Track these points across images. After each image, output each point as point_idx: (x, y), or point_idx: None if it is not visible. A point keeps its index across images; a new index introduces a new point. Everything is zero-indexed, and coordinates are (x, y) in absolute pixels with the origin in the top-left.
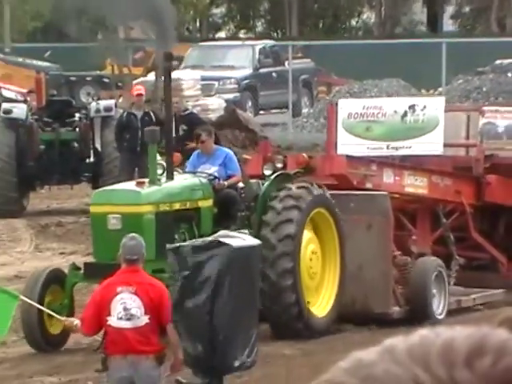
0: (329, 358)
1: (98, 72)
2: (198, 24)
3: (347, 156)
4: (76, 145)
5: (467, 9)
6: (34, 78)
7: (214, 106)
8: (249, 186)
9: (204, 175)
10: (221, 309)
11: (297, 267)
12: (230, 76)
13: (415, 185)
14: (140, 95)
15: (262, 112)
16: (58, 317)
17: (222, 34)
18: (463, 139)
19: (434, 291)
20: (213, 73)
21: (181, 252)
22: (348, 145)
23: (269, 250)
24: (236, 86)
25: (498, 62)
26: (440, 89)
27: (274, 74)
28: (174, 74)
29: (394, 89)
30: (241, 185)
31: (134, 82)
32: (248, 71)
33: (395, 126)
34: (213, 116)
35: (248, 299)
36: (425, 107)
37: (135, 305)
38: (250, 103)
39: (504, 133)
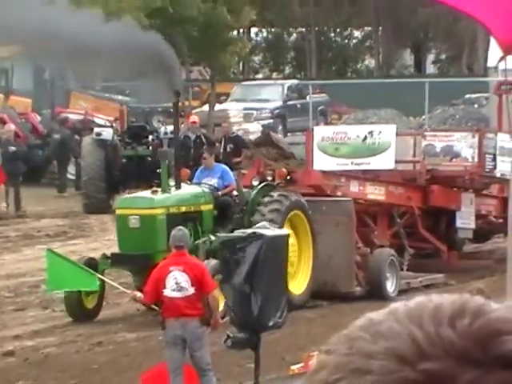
0: (341, 320)
1: (166, 104)
2: (241, 68)
3: (322, 171)
4: (149, 159)
5: (444, 56)
6: (118, 109)
7: (253, 129)
8: (242, 193)
9: (206, 186)
10: (258, 282)
11: None
12: (265, 107)
13: (375, 193)
14: (194, 122)
15: (289, 134)
16: (125, 290)
17: (259, 76)
18: (411, 157)
19: (388, 275)
20: (252, 104)
21: (229, 241)
22: (321, 161)
23: (259, 217)
24: (270, 114)
25: (467, 96)
26: (423, 116)
27: (298, 106)
28: (223, 106)
29: (389, 116)
30: (235, 193)
31: (193, 111)
32: (279, 103)
33: (358, 146)
34: (252, 137)
35: (278, 274)
36: (380, 132)
37: (184, 279)
38: (280, 127)
39: (441, 152)
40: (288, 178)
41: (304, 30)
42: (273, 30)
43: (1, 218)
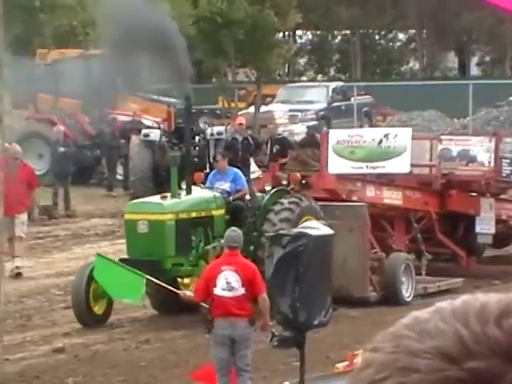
0: (385, 318)
1: (212, 106)
2: (286, 70)
3: (337, 175)
4: (196, 160)
5: (488, 58)
6: (165, 111)
7: (298, 131)
8: (255, 198)
9: (218, 190)
10: (303, 280)
11: None
12: (310, 109)
13: (392, 197)
14: (241, 124)
15: None
16: (175, 290)
17: (304, 78)
18: (427, 161)
19: (403, 279)
20: (297, 106)
21: (277, 239)
22: (336, 165)
23: (270, 227)
24: (314, 116)
25: (511, 98)
26: (467, 118)
27: (342, 107)
28: (269, 107)
29: (433, 118)
30: (248, 197)
31: (239, 113)
32: (323, 105)
33: (373, 150)
34: (297, 139)
35: (324, 274)
36: (396, 136)
37: (234, 279)
38: (324, 129)
39: (457, 156)
40: (303, 182)
41: (349, 32)
42: (318, 32)
43: (51, 218)
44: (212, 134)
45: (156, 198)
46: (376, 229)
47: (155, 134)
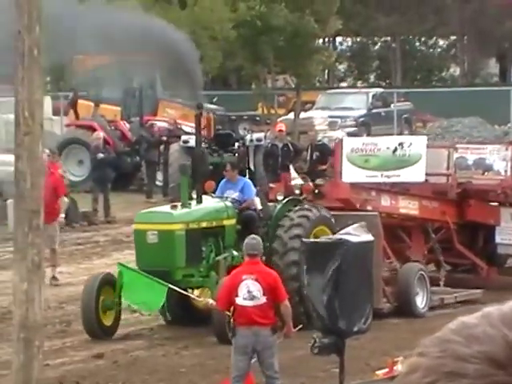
0: (426, 325)
1: (252, 112)
2: (326, 76)
3: (351, 184)
4: None
5: None
6: (205, 117)
7: (338, 137)
8: (266, 207)
9: (229, 200)
10: (343, 287)
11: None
12: (350, 115)
13: (408, 207)
14: (281, 131)
15: None
16: (197, 299)
17: (343, 84)
18: (445, 170)
19: (418, 290)
20: (337, 113)
21: (315, 246)
22: (350, 173)
23: (280, 246)
24: (354, 122)
25: None
26: (508, 124)
27: (382, 114)
28: (308, 114)
29: (474, 124)
30: (260, 207)
31: (278, 119)
32: (363, 111)
33: (387, 158)
34: None
35: (363, 281)
36: (411, 144)
37: (256, 288)
38: (364, 135)
39: (473, 165)
40: (316, 191)
41: (389, 39)
42: (357, 39)
43: (90, 224)
44: (251, 141)
45: (166, 208)
46: (393, 239)
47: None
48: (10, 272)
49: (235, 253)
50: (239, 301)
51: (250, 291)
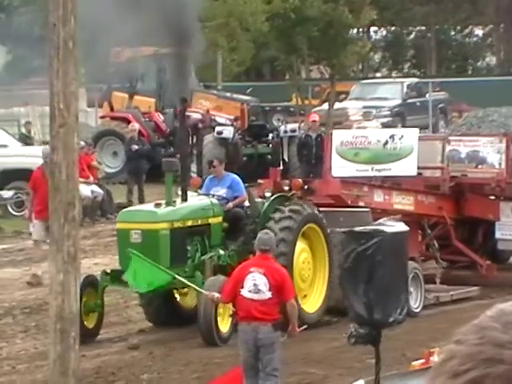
0: (462, 316)
1: (286, 103)
2: (360, 67)
3: (341, 180)
4: (269, 157)
5: None
6: (239, 108)
7: (373, 127)
8: (254, 205)
9: (215, 197)
10: (378, 278)
11: (290, 270)
12: (384, 105)
13: (403, 202)
14: (314, 121)
15: None
16: (202, 291)
17: (378, 74)
18: (439, 163)
19: (411, 289)
20: (371, 103)
21: (351, 236)
22: (340, 167)
23: None
24: (389, 112)
25: None
26: None
27: (417, 104)
28: (343, 104)
29: (510, 114)
30: (247, 204)
31: (312, 110)
32: (398, 101)
33: (378, 152)
34: None
35: (399, 271)
36: (402, 137)
37: (262, 282)
38: (399, 126)
39: (466, 158)
40: (305, 187)
41: (423, 28)
42: (392, 28)
43: None
44: (285, 132)
45: (149, 206)
46: None
47: (229, 132)
48: (46, 263)
49: (222, 252)
50: (244, 292)
51: (255, 284)
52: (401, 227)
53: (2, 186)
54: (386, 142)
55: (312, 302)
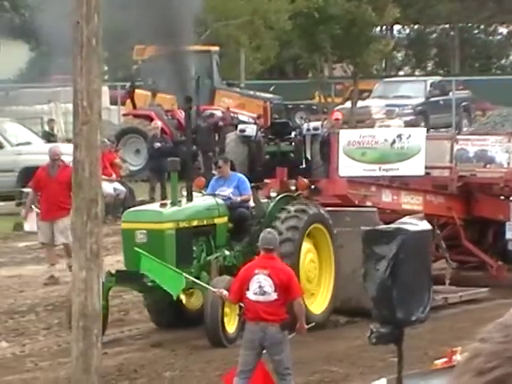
0: (485, 315)
1: (309, 101)
2: (383, 65)
3: (348, 179)
4: (292, 155)
5: None
6: (261, 106)
7: (395, 126)
8: (259, 205)
9: (221, 197)
10: (401, 276)
11: (296, 268)
12: (407, 103)
13: (411, 202)
14: (337, 119)
15: (431, 130)
16: (212, 289)
17: (401, 72)
18: (447, 162)
19: None
20: (394, 101)
21: (374, 234)
22: (347, 167)
23: None
24: (412, 111)
25: None
26: None
27: (441, 102)
28: (366, 102)
29: None
30: (252, 204)
31: (335, 108)
32: (421, 100)
33: (386, 151)
34: None
35: (422, 270)
36: (410, 136)
37: (268, 284)
38: (422, 124)
39: (474, 157)
40: (312, 187)
41: (447, 26)
42: (415, 26)
43: None
44: (308, 130)
45: (155, 206)
46: None
47: (251, 130)
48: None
49: (227, 252)
50: (249, 295)
51: (261, 286)
52: (424, 226)
53: (25, 183)
54: (394, 142)
55: (318, 302)
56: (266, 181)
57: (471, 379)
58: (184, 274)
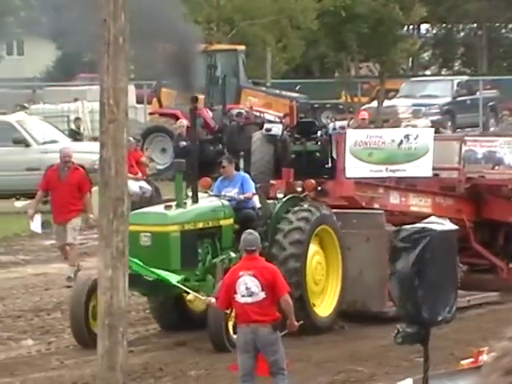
0: (509, 315)
1: (335, 100)
2: (410, 64)
3: (355, 181)
4: (318, 154)
5: None
6: (287, 106)
7: (422, 125)
8: (265, 206)
9: (226, 198)
10: (427, 276)
11: (302, 270)
12: (434, 103)
13: (420, 205)
14: (363, 119)
15: (458, 130)
16: (199, 296)
17: (428, 72)
18: (456, 163)
19: None
20: (421, 100)
21: (400, 234)
22: (354, 168)
23: (279, 252)
24: (438, 110)
25: None
26: None
27: (468, 102)
28: (392, 102)
29: None
30: (258, 205)
31: (362, 107)
32: (448, 99)
33: (393, 152)
34: None
35: (447, 270)
36: (417, 136)
37: (254, 284)
38: (449, 123)
39: (482, 158)
40: (318, 189)
41: (475, 25)
42: (442, 26)
43: None
44: (334, 129)
45: (160, 208)
46: None
47: (277, 129)
48: (95, 259)
49: (233, 254)
50: (238, 298)
51: (248, 288)
52: (450, 225)
53: None
54: (401, 142)
55: (325, 305)
56: (271, 181)
57: (499, 378)
58: (173, 283)
